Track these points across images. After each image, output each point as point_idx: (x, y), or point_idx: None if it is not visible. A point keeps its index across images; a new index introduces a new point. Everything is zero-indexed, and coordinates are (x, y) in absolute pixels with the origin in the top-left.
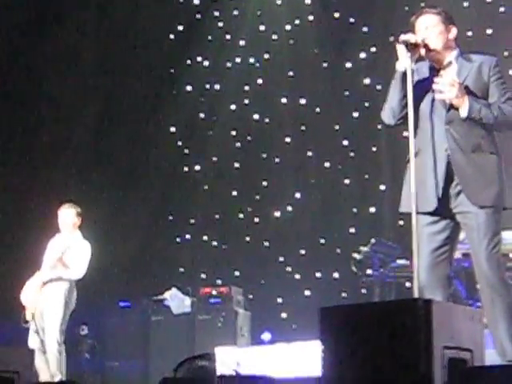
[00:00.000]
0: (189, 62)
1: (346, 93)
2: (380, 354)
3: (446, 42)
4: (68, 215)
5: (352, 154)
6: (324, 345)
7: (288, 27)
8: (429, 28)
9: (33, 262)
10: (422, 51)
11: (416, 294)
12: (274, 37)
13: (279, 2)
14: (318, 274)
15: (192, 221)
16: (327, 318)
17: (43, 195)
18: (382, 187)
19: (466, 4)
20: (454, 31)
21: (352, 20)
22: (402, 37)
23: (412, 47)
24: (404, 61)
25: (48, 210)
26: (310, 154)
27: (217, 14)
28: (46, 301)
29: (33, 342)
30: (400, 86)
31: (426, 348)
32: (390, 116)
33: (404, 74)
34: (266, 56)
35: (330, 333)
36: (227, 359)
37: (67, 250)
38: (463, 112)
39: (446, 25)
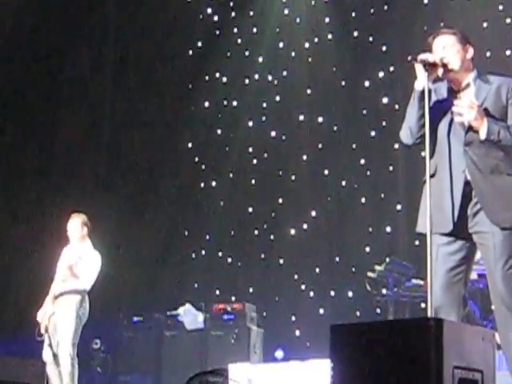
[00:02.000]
0: (207, 77)
1: (364, 112)
2: (390, 372)
3: (464, 61)
4: (72, 225)
5: (368, 173)
6: (334, 362)
7: (307, 45)
8: (446, 48)
9: (46, 274)
10: (440, 71)
11: (430, 314)
12: (293, 54)
13: (298, 20)
14: (333, 293)
15: (207, 237)
16: (338, 336)
17: (57, 208)
18: (398, 207)
19: (485, 25)
20: (471, 51)
21: (371, 39)
22: (420, 56)
23: (430, 67)
24: (422, 80)
25: (62, 223)
26: (326, 172)
27: (236, 30)
28: (58, 314)
29: (46, 355)
30: (418, 105)
31: (437, 368)
32: (407, 135)
33: (422, 93)
34: (285, 73)
35: (341, 350)
36: (239, 376)
37: (78, 261)
38: (482, 134)
39: (462, 44)
